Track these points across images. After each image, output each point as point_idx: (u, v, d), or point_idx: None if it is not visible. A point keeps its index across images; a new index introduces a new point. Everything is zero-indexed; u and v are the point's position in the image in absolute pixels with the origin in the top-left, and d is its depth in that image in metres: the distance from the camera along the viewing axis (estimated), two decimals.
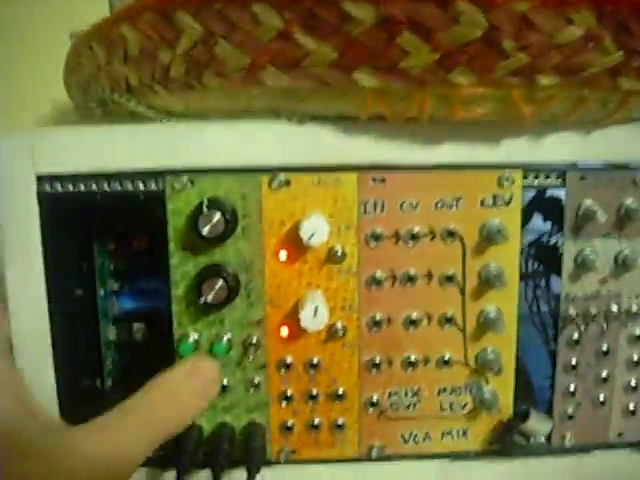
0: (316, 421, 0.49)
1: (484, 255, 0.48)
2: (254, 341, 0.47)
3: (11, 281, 0.47)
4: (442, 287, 0.48)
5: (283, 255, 0.46)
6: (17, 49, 0.84)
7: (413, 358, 0.48)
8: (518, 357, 0.50)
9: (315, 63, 0.40)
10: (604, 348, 0.50)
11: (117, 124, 0.49)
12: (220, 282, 0.45)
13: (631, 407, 0.51)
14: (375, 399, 0.49)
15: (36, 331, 0.47)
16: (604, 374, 0.50)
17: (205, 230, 0.44)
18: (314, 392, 0.49)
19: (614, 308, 0.49)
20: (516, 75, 0.40)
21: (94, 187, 0.46)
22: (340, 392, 0.49)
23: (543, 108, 0.42)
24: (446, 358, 0.49)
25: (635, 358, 0.50)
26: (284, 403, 0.49)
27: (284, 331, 0.48)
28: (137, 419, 0.40)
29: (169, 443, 0.47)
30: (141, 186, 0.46)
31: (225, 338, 0.47)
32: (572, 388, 0.50)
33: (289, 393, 0.49)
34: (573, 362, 0.50)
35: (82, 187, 0.46)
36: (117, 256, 0.58)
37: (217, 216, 0.44)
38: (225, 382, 0.48)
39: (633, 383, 0.51)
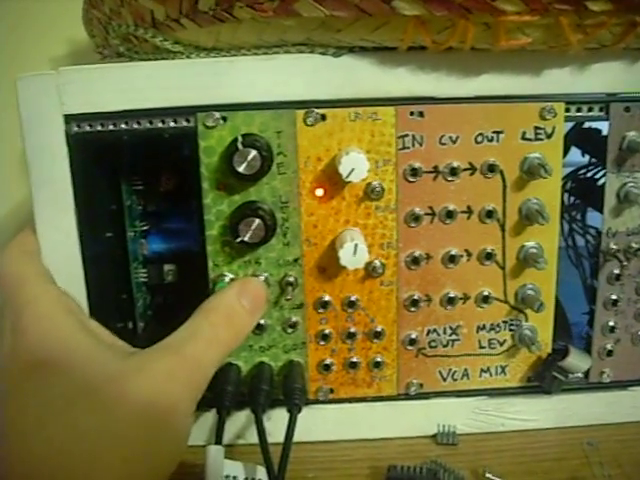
0: (354, 360, 0.49)
1: (525, 190, 0.46)
2: (291, 280, 0.46)
3: (41, 224, 0.46)
4: (482, 223, 0.47)
5: (320, 192, 0.45)
6: None
7: (452, 295, 0.48)
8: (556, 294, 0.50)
9: None
10: None
11: (145, 60, 0.48)
12: (257, 221, 0.44)
13: None
14: (413, 337, 0.49)
15: (68, 274, 0.47)
16: None
17: (241, 167, 0.43)
18: (352, 330, 0.48)
19: None
20: (566, 1, 0.38)
21: (123, 126, 0.45)
22: (378, 330, 0.48)
23: (592, 36, 0.40)
24: (485, 295, 0.48)
25: None
26: (322, 342, 0.48)
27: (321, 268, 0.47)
28: (203, 339, 0.40)
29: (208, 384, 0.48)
30: (172, 123, 0.45)
31: (262, 278, 0.46)
32: (612, 324, 0.50)
33: (327, 332, 0.48)
34: (613, 298, 0.49)
35: (111, 126, 0.45)
36: (146, 197, 0.57)
37: (253, 153, 0.42)
38: (262, 322, 0.47)
39: None
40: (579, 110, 0.46)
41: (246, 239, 0.44)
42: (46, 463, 0.34)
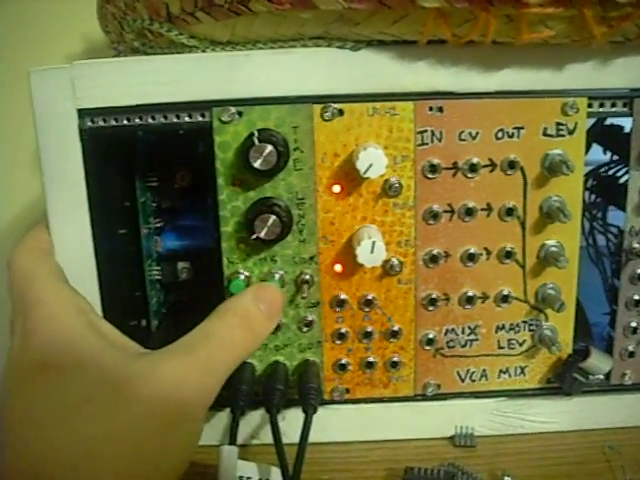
0: (371, 359, 0.48)
1: (546, 187, 0.46)
2: (307, 278, 0.46)
3: (54, 220, 0.46)
4: (502, 220, 0.46)
5: (337, 189, 0.45)
6: None
7: (471, 294, 0.47)
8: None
9: None
10: None
11: (160, 55, 0.47)
12: (273, 217, 0.43)
13: None
14: (431, 336, 0.48)
15: (81, 271, 0.46)
16: None
17: (257, 163, 0.42)
18: (369, 329, 0.47)
19: None
20: None
21: (137, 121, 0.44)
22: (395, 329, 0.47)
23: (616, 29, 0.39)
24: (505, 294, 0.47)
25: None
26: (338, 341, 0.48)
27: (338, 268, 0.46)
28: (218, 341, 0.40)
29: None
30: (186, 118, 0.44)
31: (277, 276, 0.46)
32: (634, 325, 0.49)
33: (343, 331, 0.47)
34: (636, 298, 0.48)
35: (125, 121, 0.44)
36: (161, 193, 0.56)
37: (269, 148, 0.42)
38: None
39: None
40: (602, 106, 0.45)
41: (262, 236, 0.43)
42: (46, 466, 0.34)
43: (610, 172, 0.54)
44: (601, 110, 0.45)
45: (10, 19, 0.82)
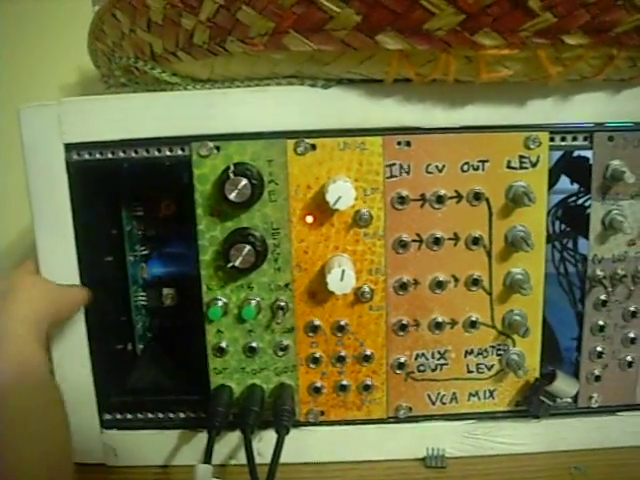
0: (344, 383, 0.50)
1: (510, 217, 0.48)
2: (282, 304, 0.48)
3: (42, 249, 0.48)
4: (468, 249, 0.48)
5: (310, 219, 0.47)
6: (43, 18, 0.84)
7: (440, 320, 0.49)
8: (544, 319, 0.50)
9: (339, 27, 0.40)
10: (632, 309, 0.50)
11: (142, 92, 0.50)
12: (248, 247, 0.45)
13: None
14: (402, 361, 0.50)
15: None
16: (631, 335, 0.50)
17: (232, 195, 0.44)
18: (342, 354, 0.49)
19: None
20: (542, 35, 0.39)
21: (121, 154, 0.47)
22: (368, 354, 0.49)
23: (570, 68, 0.42)
24: (473, 320, 0.49)
25: None
26: (312, 365, 0.49)
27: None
28: None
29: (201, 405, 0.49)
30: (167, 152, 0.47)
31: (254, 302, 0.48)
32: (599, 349, 0.51)
33: (317, 355, 0.49)
34: (600, 323, 0.50)
35: (109, 154, 0.47)
36: (145, 222, 0.59)
37: (244, 181, 0.44)
38: (254, 345, 0.49)
39: None
40: (563, 139, 0.47)
41: (237, 264, 0.45)
42: None
43: (578, 202, 0.56)
44: (563, 144, 0.47)
45: (10, 47, 0.85)
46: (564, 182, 0.57)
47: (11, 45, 0.85)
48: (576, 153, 0.55)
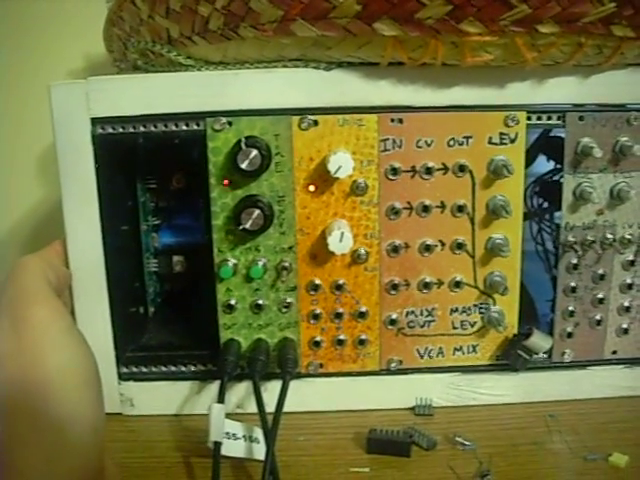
0: (341, 337, 0.55)
1: (491, 188, 0.53)
2: (286, 265, 0.53)
3: (69, 215, 0.53)
4: (454, 216, 0.53)
5: (312, 188, 0.52)
6: (52, 7, 0.88)
7: (428, 280, 0.54)
8: (523, 284, 0.56)
9: (341, 15, 0.45)
10: (600, 272, 0.55)
11: (160, 72, 0.54)
12: (257, 211, 0.50)
13: (624, 326, 0.57)
14: (394, 317, 0.55)
15: (92, 261, 0.53)
16: (600, 296, 0.56)
17: (244, 164, 0.49)
18: (339, 311, 0.54)
19: (609, 236, 0.54)
20: (519, 24, 0.45)
21: (142, 128, 0.52)
22: (363, 311, 0.54)
23: (544, 54, 0.47)
24: (457, 280, 0.54)
25: (628, 281, 0.56)
26: (313, 321, 0.55)
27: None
28: None
29: (210, 359, 0.54)
30: (184, 127, 0.52)
31: (260, 263, 0.53)
32: (571, 309, 0.56)
33: (318, 312, 0.54)
34: (572, 285, 0.55)
35: (131, 129, 0.52)
36: (159, 194, 0.64)
37: (254, 152, 0.49)
38: (260, 302, 0.54)
39: (626, 304, 0.56)
40: (539, 119, 0.53)
41: (247, 227, 0.50)
42: None
43: (554, 179, 0.61)
44: (539, 122, 0.53)
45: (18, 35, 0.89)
46: (543, 161, 0.62)
47: (19, 33, 0.89)
48: (552, 134, 0.60)
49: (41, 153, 0.88)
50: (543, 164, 0.62)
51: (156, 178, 0.63)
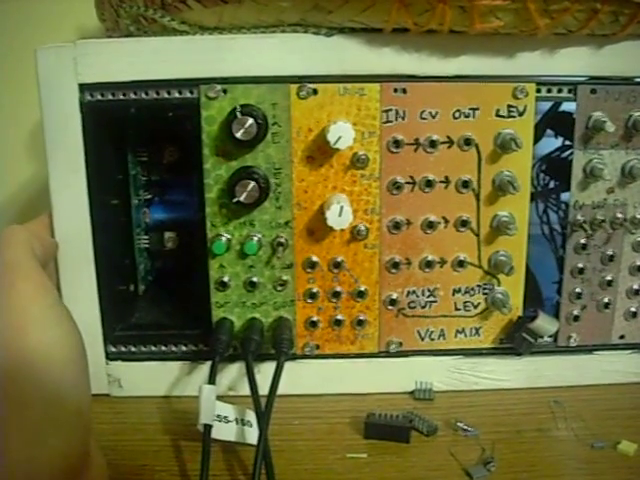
0: (339, 317, 0.53)
1: (498, 163, 0.51)
2: (282, 241, 0.51)
3: (55, 186, 0.50)
4: (458, 192, 0.51)
5: (310, 160, 0.50)
6: None
7: (430, 259, 0.52)
8: (529, 265, 0.54)
9: None
10: (609, 253, 0.53)
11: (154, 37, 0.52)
12: (252, 183, 0.48)
13: (633, 310, 0.55)
14: (394, 297, 0.53)
15: (79, 234, 0.51)
16: (608, 278, 0.54)
17: (239, 133, 0.47)
18: (337, 290, 0.52)
19: (620, 216, 0.52)
20: None
21: (132, 95, 0.49)
22: (362, 290, 0.52)
23: (557, 20, 0.45)
24: (461, 259, 0.52)
25: (638, 263, 0.54)
26: (309, 300, 0.52)
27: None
28: None
29: (201, 339, 0.52)
30: (176, 94, 0.49)
31: (255, 238, 0.50)
32: (578, 290, 0.54)
33: (314, 290, 0.52)
34: (580, 266, 0.53)
35: (121, 96, 0.49)
36: (150, 168, 0.61)
37: (250, 120, 0.47)
38: (255, 280, 0.52)
39: (636, 287, 0.54)
40: (549, 91, 0.50)
41: (242, 199, 0.48)
42: None
43: (563, 156, 0.59)
44: (549, 95, 0.50)
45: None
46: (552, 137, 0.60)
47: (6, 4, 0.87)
48: (562, 108, 0.58)
49: (32, 126, 0.86)
50: (549, 142, 0.60)
51: (148, 150, 0.61)
